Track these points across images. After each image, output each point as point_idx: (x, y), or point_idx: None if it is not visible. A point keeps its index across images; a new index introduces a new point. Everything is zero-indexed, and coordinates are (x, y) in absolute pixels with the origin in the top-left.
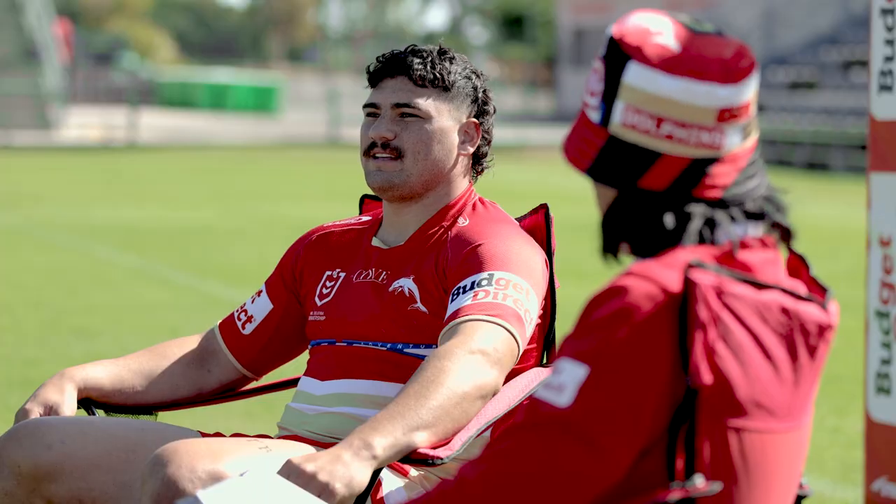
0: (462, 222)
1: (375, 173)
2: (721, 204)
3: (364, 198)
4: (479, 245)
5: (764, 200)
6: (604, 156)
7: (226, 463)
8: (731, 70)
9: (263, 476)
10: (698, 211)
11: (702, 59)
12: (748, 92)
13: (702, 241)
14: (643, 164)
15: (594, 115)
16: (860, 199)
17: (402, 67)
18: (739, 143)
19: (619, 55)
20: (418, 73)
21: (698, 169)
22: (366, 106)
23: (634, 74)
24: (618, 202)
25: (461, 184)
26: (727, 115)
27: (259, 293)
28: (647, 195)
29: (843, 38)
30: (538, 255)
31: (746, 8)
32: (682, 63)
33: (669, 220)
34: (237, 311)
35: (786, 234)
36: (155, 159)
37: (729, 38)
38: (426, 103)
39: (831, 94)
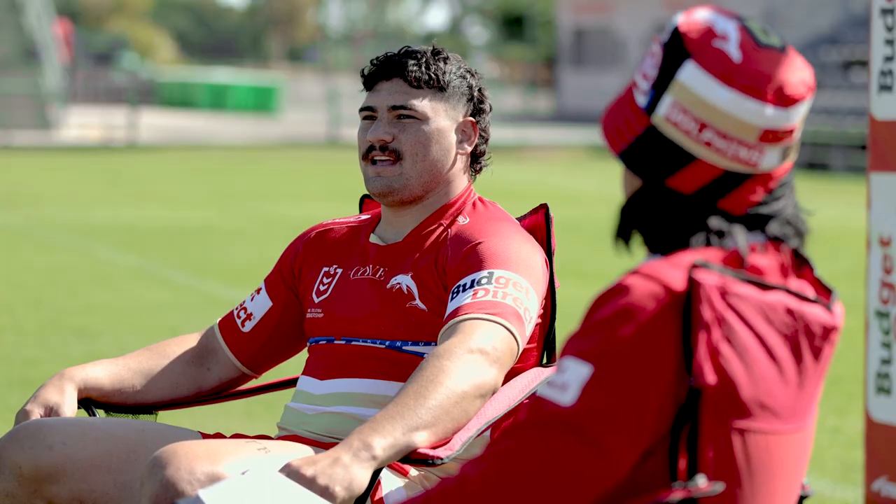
0: (462, 221)
1: (375, 179)
2: (741, 220)
3: (364, 197)
4: (479, 243)
5: (785, 224)
6: (640, 144)
7: (224, 464)
8: (784, 93)
9: (264, 475)
10: (714, 223)
11: (758, 75)
12: (797, 116)
13: (710, 244)
14: (676, 163)
15: (641, 100)
16: (860, 199)
17: (396, 69)
18: (776, 165)
19: (679, 49)
20: (413, 74)
21: (728, 181)
22: (362, 109)
23: (689, 75)
24: (642, 193)
25: (460, 183)
26: (770, 136)
27: (258, 291)
28: (671, 194)
29: (843, 38)
30: (538, 253)
31: (746, 8)
32: (737, 75)
33: (686, 224)
34: (237, 308)
35: (800, 260)
36: (155, 159)
37: (792, 56)
38: (422, 104)
39: (831, 94)
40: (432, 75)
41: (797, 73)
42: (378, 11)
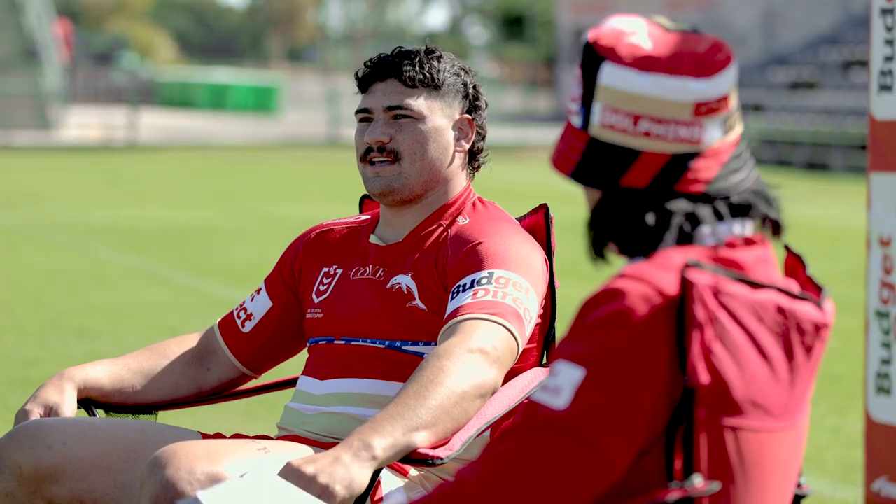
0: (462, 221)
1: (374, 179)
2: (704, 198)
3: (364, 198)
4: (479, 243)
5: (751, 194)
6: (586, 158)
7: (224, 465)
8: (704, 64)
9: (263, 477)
10: (680, 206)
11: (674, 54)
12: (724, 85)
13: (684, 236)
14: (623, 162)
15: (576, 120)
16: (860, 199)
17: (390, 70)
18: (720, 138)
19: (593, 58)
20: (408, 73)
21: (678, 164)
22: (358, 111)
23: (609, 74)
24: (602, 202)
25: (459, 181)
26: (704, 109)
27: (258, 291)
28: (629, 193)
29: (843, 38)
30: (538, 253)
31: (746, 8)
32: (654, 60)
33: (651, 216)
34: (237, 309)
35: (776, 228)
36: (155, 159)
37: (703, 35)
38: (418, 103)
39: (831, 94)
40: (426, 74)
41: (712, 45)
42: (378, 11)
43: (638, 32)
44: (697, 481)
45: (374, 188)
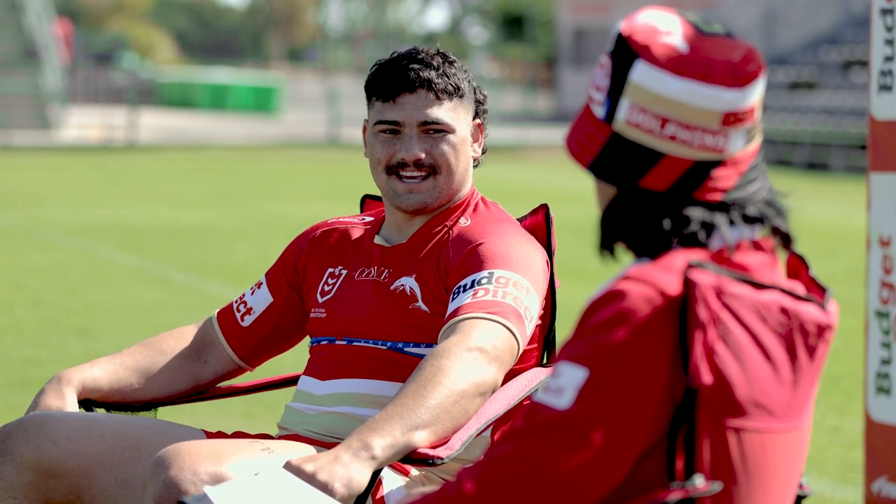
0: (464, 222)
1: (407, 196)
2: (720, 207)
3: (365, 197)
4: (480, 244)
5: (764, 205)
6: (606, 152)
7: (228, 465)
8: (737, 74)
9: (273, 474)
10: (696, 214)
11: (709, 61)
12: (754, 96)
13: (697, 243)
14: (645, 163)
15: (599, 111)
16: (860, 199)
17: (421, 81)
18: (743, 147)
19: (626, 53)
20: (439, 86)
21: (700, 171)
22: (385, 122)
23: (641, 74)
24: (617, 200)
25: (468, 184)
26: (732, 119)
27: (259, 285)
28: (647, 195)
29: (843, 38)
30: (539, 254)
31: (746, 8)
32: (688, 65)
33: (667, 222)
34: (236, 302)
35: (786, 239)
36: (155, 159)
37: (738, 40)
38: (449, 116)
39: (831, 94)
40: (452, 84)
41: (746, 54)
42: (378, 11)
43: (673, 32)
44: (699, 481)
45: (409, 205)
